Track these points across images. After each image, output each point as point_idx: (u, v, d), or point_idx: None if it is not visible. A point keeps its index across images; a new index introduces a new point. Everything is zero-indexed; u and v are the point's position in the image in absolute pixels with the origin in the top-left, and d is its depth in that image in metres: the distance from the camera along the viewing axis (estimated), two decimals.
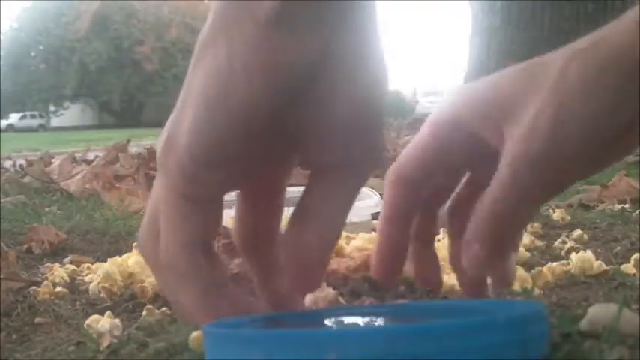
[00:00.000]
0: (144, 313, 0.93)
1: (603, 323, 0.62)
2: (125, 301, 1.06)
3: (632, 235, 1.37)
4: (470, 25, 10.25)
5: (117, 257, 1.20)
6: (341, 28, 0.46)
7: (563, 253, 1.26)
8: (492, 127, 0.56)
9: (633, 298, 0.82)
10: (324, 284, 0.85)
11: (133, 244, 1.27)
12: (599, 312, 0.63)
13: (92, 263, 1.29)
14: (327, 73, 0.45)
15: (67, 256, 1.39)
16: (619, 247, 1.27)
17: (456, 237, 0.68)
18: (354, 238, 1.20)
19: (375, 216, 1.58)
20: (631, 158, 3.00)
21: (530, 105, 0.53)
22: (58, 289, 1.12)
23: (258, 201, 0.59)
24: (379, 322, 0.67)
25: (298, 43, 0.43)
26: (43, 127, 37.62)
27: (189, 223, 0.50)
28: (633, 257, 1.05)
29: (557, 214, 1.66)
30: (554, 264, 1.09)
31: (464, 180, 0.67)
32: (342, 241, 1.15)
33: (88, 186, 2.50)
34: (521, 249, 1.21)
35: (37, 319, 0.97)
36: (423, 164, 0.64)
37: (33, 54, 39.96)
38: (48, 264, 1.31)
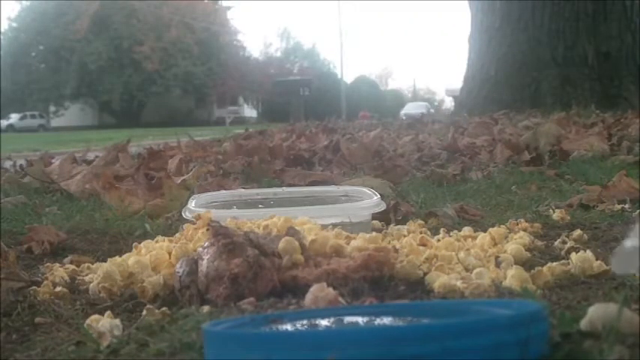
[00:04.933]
0: (144, 313, 0.93)
1: (603, 323, 0.62)
2: (125, 301, 1.06)
3: None
4: (470, 25, 10.26)
5: (117, 257, 1.20)
6: None
7: (563, 253, 1.26)
8: None
9: (633, 298, 0.82)
10: (324, 284, 0.85)
11: (133, 244, 1.28)
12: (599, 312, 0.63)
13: (92, 263, 1.30)
14: None
15: (67, 256, 1.39)
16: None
17: None
18: (354, 238, 1.20)
19: (375, 216, 1.58)
20: (631, 158, 3.00)
21: None
22: (58, 289, 1.12)
23: None
24: (379, 322, 0.67)
25: None
26: (43, 127, 37.59)
27: None
28: None
29: (557, 214, 1.66)
30: (554, 264, 1.09)
31: None
32: (342, 241, 1.15)
33: (88, 186, 2.50)
34: (522, 249, 1.21)
35: (37, 319, 0.97)
36: None
37: (33, 54, 39.92)
38: (48, 264, 1.32)
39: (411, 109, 36.79)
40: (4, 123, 35.84)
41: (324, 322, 0.66)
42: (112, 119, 39.96)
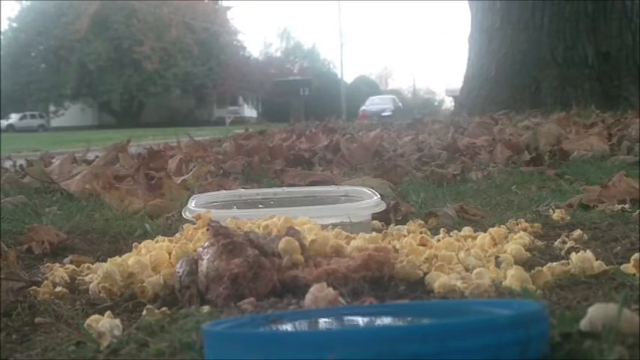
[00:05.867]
0: (144, 313, 0.93)
1: (603, 323, 0.62)
2: (125, 301, 1.06)
3: (632, 235, 1.37)
4: (470, 25, 10.26)
5: (117, 257, 1.20)
6: None
7: (563, 253, 1.27)
8: None
9: (633, 298, 0.82)
10: (324, 284, 0.85)
11: (133, 244, 1.28)
12: (599, 312, 0.63)
13: (92, 263, 1.30)
14: None
15: (67, 256, 1.39)
16: (619, 247, 1.27)
17: None
18: (354, 238, 1.20)
19: (375, 216, 1.58)
20: (631, 158, 3.00)
21: None
22: (58, 289, 1.12)
23: None
24: (379, 322, 0.67)
25: None
26: (43, 127, 37.59)
27: None
28: (633, 257, 1.05)
29: (557, 214, 1.66)
30: (554, 264, 1.09)
31: None
32: (342, 241, 1.15)
33: (88, 186, 2.50)
34: (522, 249, 1.21)
35: (37, 319, 0.97)
36: None
37: (33, 54, 39.91)
38: (48, 264, 1.32)
39: (372, 104, 30.06)
40: (4, 123, 35.84)
41: (324, 322, 0.66)
42: (112, 119, 39.95)
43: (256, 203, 1.75)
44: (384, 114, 23.01)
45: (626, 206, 1.71)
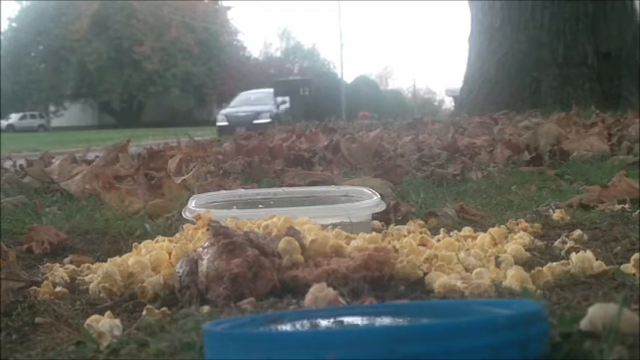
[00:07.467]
0: (144, 313, 0.93)
1: (603, 323, 0.62)
2: (125, 301, 1.06)
3: (632, 235, 1.37)
4: (470, 25, 10.26)
5: (117, 257, 1.20)
6: None
7: (563, 253, 1.27)
8: None
9: (633, 298, 0.82)
10: (324, 284, 0.85)
11: (133, 244, 1.28)
12: (599, 312, 0.63)
13: (92, 263, 1.30)
14: None
15: (67, 256, 1.39)
16: (619, 247, 1.27)
17: None
18: (354, 238, 1.20)
19: (375, 216, 1.58)
20: (631, 158, 3.00)
21: None
22: (58, 289, 1.12)
23: None
24: (379, 322, 0.67)
25: None
26: (43, 127, 37.63)
27: None
28: (633, 257, 1.05)
29: (557, 214, 1.66)
30: (554, 264, 1.09)
31: None
32: (342, 241, 1.15)
33: (88, 186, 2.50)
34: (522, 249, 1.21)
35: (37, 319, 0.97)
36: None
37: (33, 54, 39.96)
38: (48, 264, 1.32)
39: (239, 105, 19.52)
40: (4, 123, 35.86)
41: (324, 322, 0.66)
42: (112, 119, 39.97)
43: (256, 203, 1.75)
44: (257, 121, 15.52)
45: (626, 206, 1.71)
